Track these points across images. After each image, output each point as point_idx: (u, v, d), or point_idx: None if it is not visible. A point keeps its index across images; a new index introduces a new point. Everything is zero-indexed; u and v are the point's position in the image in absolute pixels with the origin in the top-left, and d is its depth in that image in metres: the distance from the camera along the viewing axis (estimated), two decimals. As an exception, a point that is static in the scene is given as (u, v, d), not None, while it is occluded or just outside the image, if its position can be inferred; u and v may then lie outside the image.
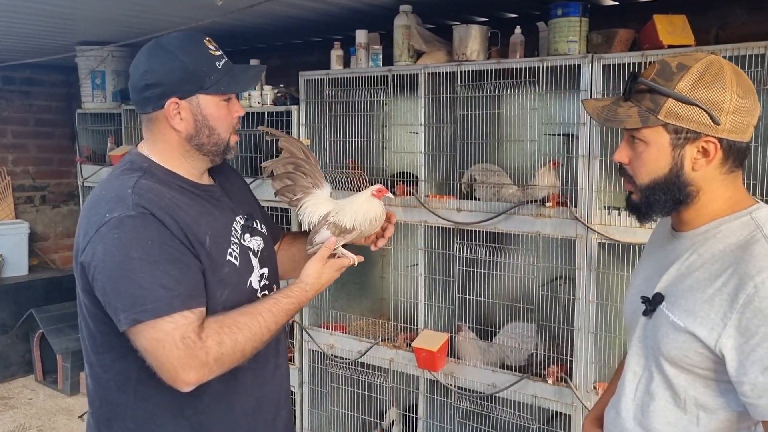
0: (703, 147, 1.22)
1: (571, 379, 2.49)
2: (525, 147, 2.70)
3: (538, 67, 2.45)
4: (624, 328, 1.49)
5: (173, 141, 1.52)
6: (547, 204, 2.49)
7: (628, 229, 2.30)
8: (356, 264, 1.67)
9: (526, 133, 2.67)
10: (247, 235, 1.61)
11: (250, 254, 1.61)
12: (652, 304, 1.30)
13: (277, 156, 1.72)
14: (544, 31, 2.55)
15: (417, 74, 2.75)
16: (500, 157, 2.96)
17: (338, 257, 1.66)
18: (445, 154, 2.81)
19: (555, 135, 2.63)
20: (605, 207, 2.40)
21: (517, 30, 2.60)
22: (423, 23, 2.89)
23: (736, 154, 1.23)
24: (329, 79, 3.03)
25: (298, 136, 3.15)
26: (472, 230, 2.69)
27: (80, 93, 4.40)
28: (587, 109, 1.35)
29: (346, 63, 3.09)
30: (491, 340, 2.84)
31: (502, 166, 2.88)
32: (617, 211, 2.35)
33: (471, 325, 2.84)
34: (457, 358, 2.78)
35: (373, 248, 1.75)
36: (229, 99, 1.55)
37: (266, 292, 1.64)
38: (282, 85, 3.43)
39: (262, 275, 1.63)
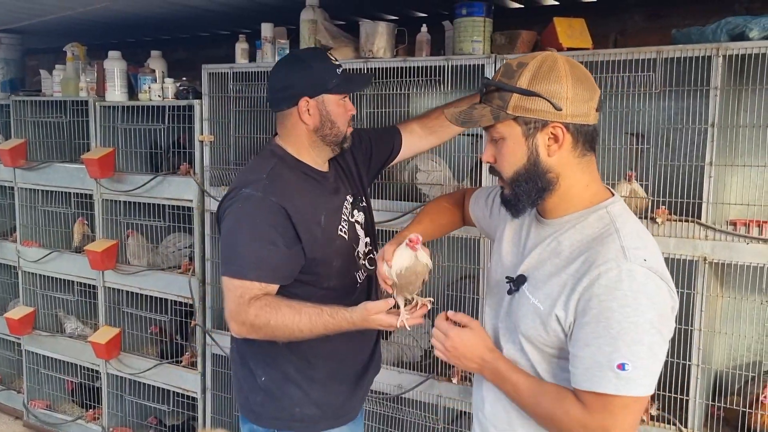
0: (552, 133, 1.31)
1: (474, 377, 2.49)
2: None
3: (444, 66, 2.44)
4: (485, 292, 1.64)
5: (302, 133, 1.87)
6: (453, 203, 2.48)
7: (530, 229, 2.31)
8: (407, 329, 1.66)
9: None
10: (355, 211, 1.99)
11: (358, 227, 1.99)
12: (516, 284, 1.40)
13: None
14: (450, 30, 2.54)
15: (323, 70, 2.68)
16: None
17: (393, 310, 1.64)
18: (352, 153, 2.75)
19: (463, 135, 2.63)
20: (508, 206, 2.41)
21: (423, 28, 2.58)
22: (331, 19, 2.83)
23: (584, 137, 1.33)
24: (233, 73, 2.92)
25: (201, 131, 3.02)
26: (381, 229, 2.65)
27: (-36, 82, 4.06)
28: (446, 116, 1.44)
29: (252, 57, 2.99)
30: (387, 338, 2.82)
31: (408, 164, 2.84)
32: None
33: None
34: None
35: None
36: (344, 99, 1.88)
37: (372, 255, 2.00)
38: (185, 79, 3.28)
39: (366, 243, 2.00)
